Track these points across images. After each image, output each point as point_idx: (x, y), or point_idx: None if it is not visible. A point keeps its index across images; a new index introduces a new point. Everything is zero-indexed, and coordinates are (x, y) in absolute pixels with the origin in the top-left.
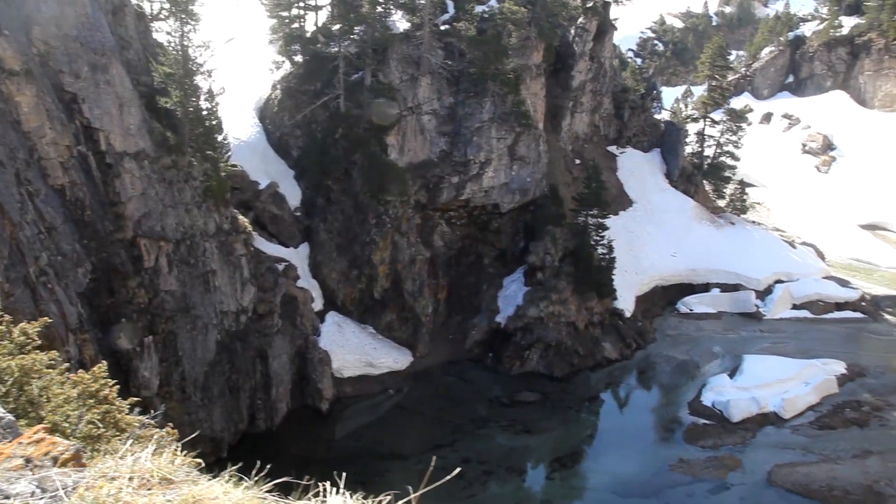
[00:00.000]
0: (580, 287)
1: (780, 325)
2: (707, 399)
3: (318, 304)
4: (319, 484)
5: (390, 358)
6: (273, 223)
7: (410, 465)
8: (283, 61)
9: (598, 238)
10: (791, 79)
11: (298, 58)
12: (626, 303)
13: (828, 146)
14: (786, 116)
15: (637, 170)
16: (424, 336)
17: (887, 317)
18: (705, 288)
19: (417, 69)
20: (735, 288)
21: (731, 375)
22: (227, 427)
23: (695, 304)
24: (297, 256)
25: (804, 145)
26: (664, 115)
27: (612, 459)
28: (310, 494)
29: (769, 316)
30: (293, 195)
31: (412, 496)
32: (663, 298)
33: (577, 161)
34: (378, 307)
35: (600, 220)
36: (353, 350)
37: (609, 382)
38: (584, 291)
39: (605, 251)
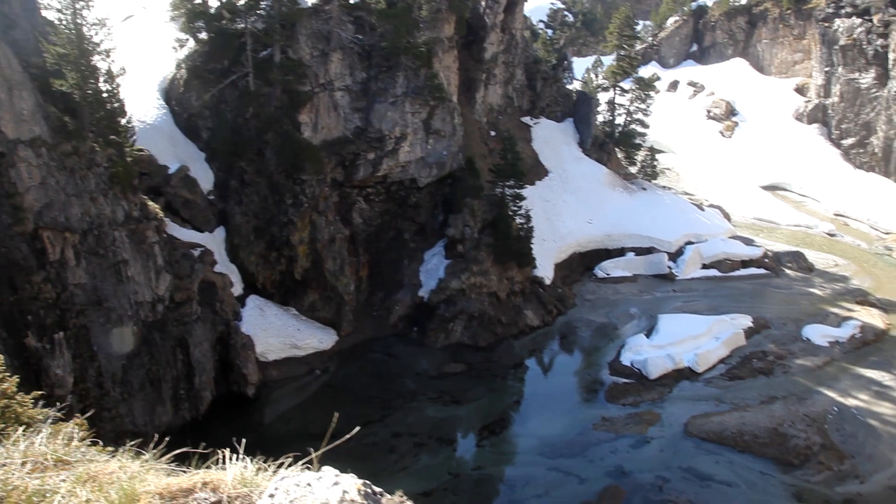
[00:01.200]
0: (500, 257)
1: (692, 285)
2: (626, 359)
3: (237, 289)
4: (219, 451)
5: (315, 338)
6: (186, 208)
7: (341, 444)
8: (187, 39)
9: (515, 208)
10: (695, 47)
11: (203, 35)
12: (545, 270)
13: (730, 112)
14: (691, 84)
15: (551, 140)
16: (348, 314)
17: (788, 271)
18: (621, 252)
19: (328, 44)
20: (649, 251)
21: (648, 335)
22: (151, 420)
23: (611, 268)
24: (213, 241)
25: (709, 111)
26: (576, 86)
27: (539, 423)
28: (209, 462)
29: (681, 276)
30: (205, 178)
31: (313, 455)
32: (581, 264)
33: (493, 133)
34: (300, 288)
35: (517, 191)
36: (277, 333)
37: (532, 349)
38: (504, 261)
39: (523, 221)
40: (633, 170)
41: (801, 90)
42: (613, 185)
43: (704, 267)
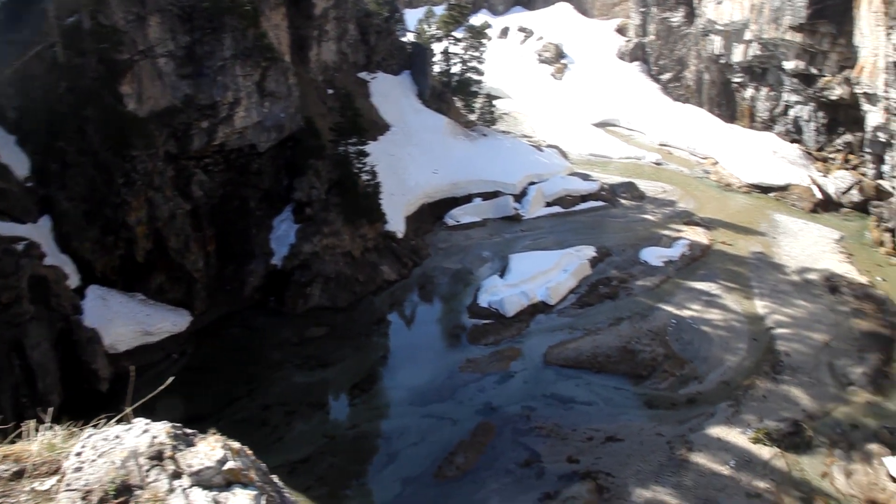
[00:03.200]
0: (350, 216)
1: (538, 223)
2: (483, 301)
3: (74, 281)
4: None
5: (167, 322)
6: (0, 199)
7: (209, 424)
8: None
9: (360, 165)
10: None
11: None
12: (397, 224)
13: (559, 55)
14: (521, 30)
15: (390, 93)
16: (200, 292)
17: (623, 201)
18: (468, 199)
19: (143, 7)
20: (495, 195)
21: (501, 275)
22: None
23: (461, 215)
24: (39, 232)
25: (539, 56)
26: (410, 38)
27: (407, 373)
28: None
29: (527, 216)
30: (19, 163)
31: (128, 410)
32: (431, 214)
33: (330, 91)
34: (144, 271)
35: (360, 148)
36: (125, 321)
37: (392, 303)
38: (354, 220)
39: (369, 177)
40: (472, 117)
41: (621, 30)
42: (455, 134)
43: (548, 205)
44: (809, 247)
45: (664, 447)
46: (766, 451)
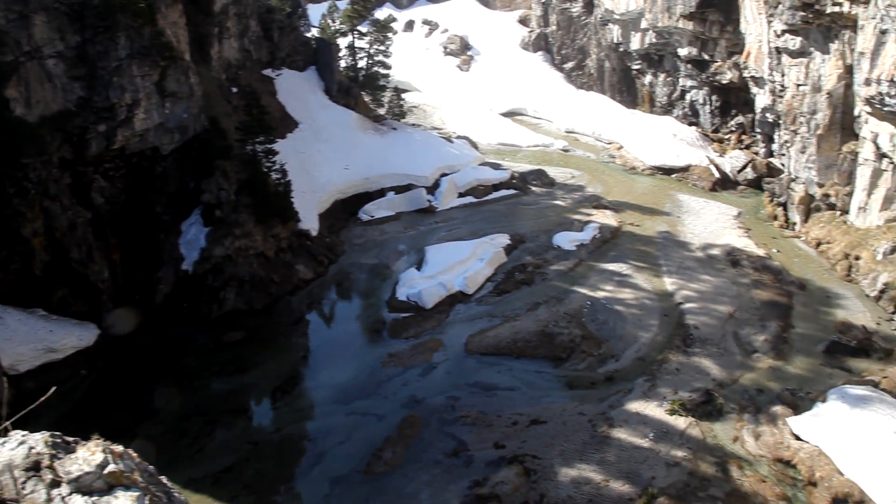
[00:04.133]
0: (262, 216)
1: (451, 214)
2: (402, 294)
3: None
4: None
5: (73, 337)
6: None
7: (126, 441)
8: None
9: (269, 164)
10: None
11: None
12: (310, 222)
13: (465, 46)
14: (426, 22)
15: (296, 90)
16: (108, 303)
17: (534, 188)
18: (381, 193)
19: (26, 5)
20: (407, 188)
21: (419, 268)
22: None
23: (374, 210)
24: None
25: (445, 48)
26: (314, 33)
27: (330, 372)
28: None
29: (441, 207)
30: None
31: (6, 424)
32: (345, 211)
33: (234, 89)
34: (43, 285)
35: (268, 147)
36: (25, 340)
37: (310, 302)
38: (266, 220)
39: (279, 176)
40: (381, 111)
41: (524, 21)
42: (364, 129)
43: (460, 195)
44: (711, 224)
45: (586, 426)
46: (681, 422)
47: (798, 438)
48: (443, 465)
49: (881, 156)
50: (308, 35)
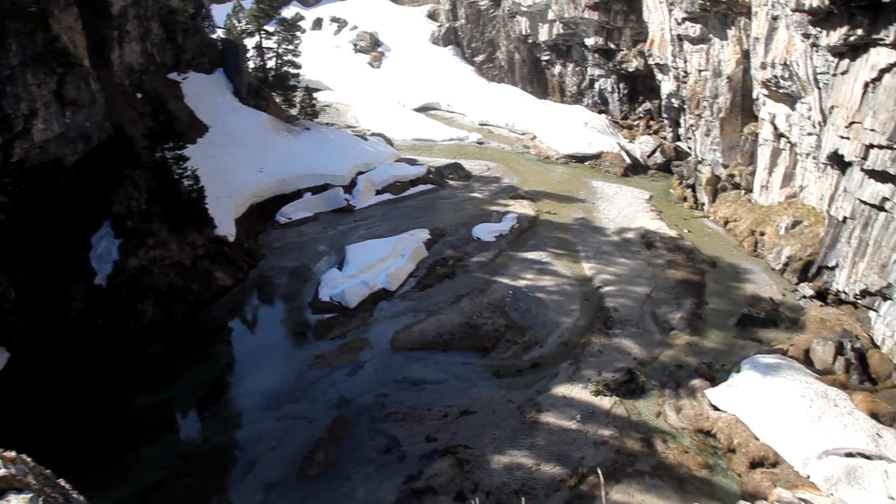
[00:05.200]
0: (176, 224)
1: (370, 212)
2: (324, 295)
3: None
4: None
5: None
6: None
7: (47, 465)
8: None
9: (181, 171)
10: None
11: None
12: (227, 228)
13: (375, 43)
14: (335, 20)
15: (204, 94)
16: (16, 325)
17: (451, 182)
18: (298, 194)
19: None
20: (324, 188)
21: (340, 267)
22: None
23: (292, 212)
24: None
25: (355, 45)
26: (220, 34)
27: (256, 379)
28: None
29: (359, 206)
30: None
31: None
32: (262, 214)
33: (139, 95)
34: None
35: (178, 152)
36: None
37: (232, 309)
38: (181, 228)
39: (191, 182)
40: (293, 112)
41: (433, 16)
42: (277, 130)
43: (378, 193)
44: (624, 208)
45: (515, 412)
46: (606, 402)
47: (716, 409)
48: (376, 462)
49: (779, 136)
50: (213, 36)
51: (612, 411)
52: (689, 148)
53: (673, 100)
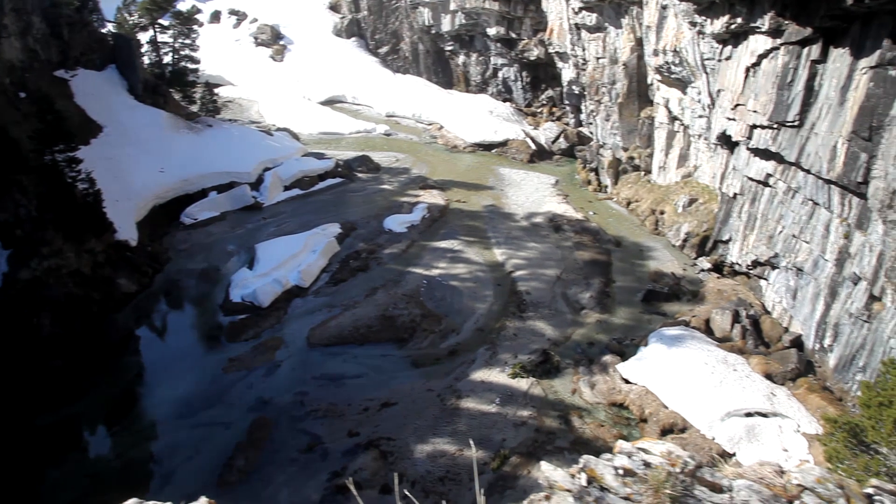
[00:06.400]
0: (71, 231)
1: (279, 208)
2: (235, 296)
3: None
4: None
5: None
6: None
7: None
8: None
9: (74, 174)
10: None
11: None
12: (128, 232)
13: (277, 36)
14: (233, 13)
15: (97, 91)
16: None
17: (360, 175)
18: (203, 194)
19: None
20: (230, 186)
21: (250, 266)
22: None
23: (197, 212)
24: None
25: (256, 38)
26: (110, 28)
27: (168, 387)
28: None
29: (267, 203)
30: None
31: None
32: (166, 216)
33: (23, 94)
34: None
35: (70, 155)
36: None
37: (138, 317)
38: (77, 234)
39: (86, 186)
40: (194, 109)
41: (335, 7)
42: (177, 128)
43: (286, 188)
44: (532, 194)
45: (436, 401)
46: (524, 383)
47: (627, 382)
48: (299, 462)
49: (673, 119)
50: (104, 31)
51: (529, 392)
52: (591, 133)
53: (573, 87)
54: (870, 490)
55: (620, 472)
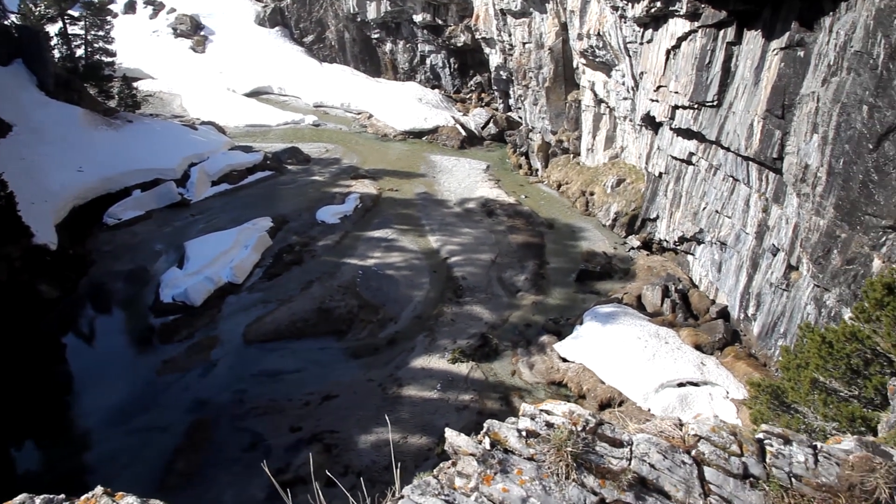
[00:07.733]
0: None
1: (207, 204)
2: (166, 296)
3: None
4: None
5: None
6: None
7: None
8: None
9: None
10: None
11: None
12: (47, 236)
13: (197, 26)
14: (149, 3)
15: (2, 88)
16: None
17: (289, 167)
18: (126, 192)
19: None
20: (155, 183)
21: (181, 265)
22: None
23: (121, 211)
24: None
25: (175, 29)
26: (14, 20)
27: (99, 394)
28: None
29: (195, 199)
30: None
31: None
32: (87, 217)
33: None
34: None
35: None
36: None
37: (63, 323)
38: None
39: None
40: (112, 104)
41: None
42: (95, 125)
43: (214, 184)
44: (464, 180)
45: (377, 391)
46: (464, 368)
47: (565, 360)
48: (242, 461)
49: (599, 101)
50: (7, 23)
51: (470, 376)
52: (520, 117)
53: (501, 72)
54: (760, 435)
55: (524, 433)
